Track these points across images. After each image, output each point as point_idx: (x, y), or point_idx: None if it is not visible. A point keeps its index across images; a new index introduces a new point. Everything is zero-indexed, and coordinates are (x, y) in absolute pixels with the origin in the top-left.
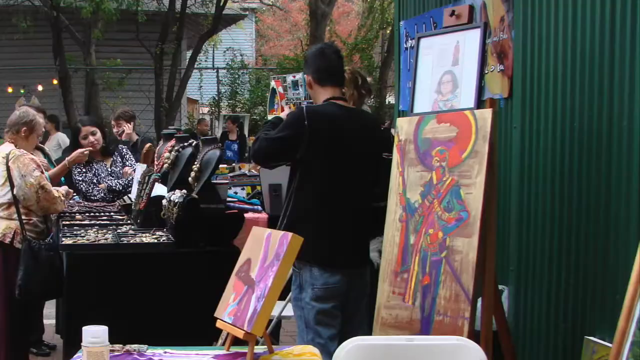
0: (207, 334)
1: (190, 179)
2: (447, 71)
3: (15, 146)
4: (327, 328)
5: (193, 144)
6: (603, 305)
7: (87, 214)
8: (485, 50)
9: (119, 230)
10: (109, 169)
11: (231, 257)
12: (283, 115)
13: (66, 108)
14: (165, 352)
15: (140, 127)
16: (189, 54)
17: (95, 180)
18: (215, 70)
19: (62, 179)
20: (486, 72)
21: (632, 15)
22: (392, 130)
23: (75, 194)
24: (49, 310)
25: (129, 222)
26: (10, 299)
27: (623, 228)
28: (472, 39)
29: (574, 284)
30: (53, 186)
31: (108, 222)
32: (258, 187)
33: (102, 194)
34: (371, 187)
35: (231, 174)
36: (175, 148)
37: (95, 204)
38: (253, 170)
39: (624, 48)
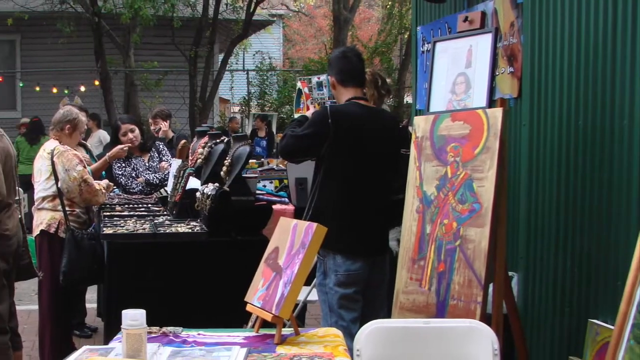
0: (237, 317)
1: (222, 173)
2: (460, 73)
3: (60, 142)
4: (349, 311)
5: (225, 141)
6: (605, 290)
7: (126, 206)
8: (496, 53)
9: (155, 221)
10: (147, 164)
11: (260, 245)
12: (308, 114)
13: (107, 107)
14: (198, 334)
15: (175, 124)
16: (221, 57)
17: (134, 174)
18: (245, 72)
19: (103, 173)
20: (497, 73)
21: (633, 23)
22: (410, 128)
23: (115, 187)
24: (91, 295)
25: (165, 213)
26: (55, 285)
27: (624, 219)
28: (484, 43)
29: (578, 270)
30: (95, 180)
31: (146, 213)
32: (285, 181)
33: (140, 187)
34: (390, 181)
35: (260, 169)
36: (208, 144)
37: (134, 197)
38: (280, 165)
39: (624, 53)
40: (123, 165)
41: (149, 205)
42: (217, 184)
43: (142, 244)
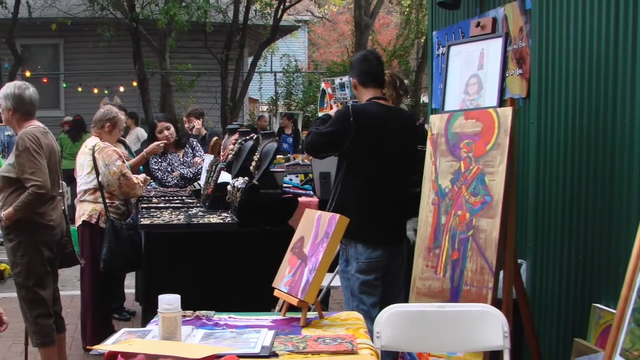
0: (266, 302)
1: (251, 167)
2: (473, 74)
3: (100, 139)
4: (370, 296)
5: (254, 138)
6: (608, 276)
7: (162, 198)
8: (506, 56)
9: (189, 212)
10: (181, 159)
11: (287, 235)
12: (332, 112)
13: (144, 106)
14: (229, 317)
15: (208, 122)
16: (250, 59)
17: (169, 169)
18: (273, 74)
19: (141, 167)
20: (507, 75)
21: (633, 29)
22: (426, 126)
23: (152, 181)
24: (129, 281)
25: (198, 205)
26: (96, 272)
27: (625, 211)
28: (495, 46)
29: (582, 258)
30: (133, 174)
31: (180, 205)
32: (310, 175)
33: (175, 181)
34: (408, 175)
35: (287, 164)
36: (239, 141)
37: (169, 190)
38: (306, 160)
39: (625, 57)
40: (159, 160)
41: (184, 197)
42: (246, 178)
43: (177, 233)
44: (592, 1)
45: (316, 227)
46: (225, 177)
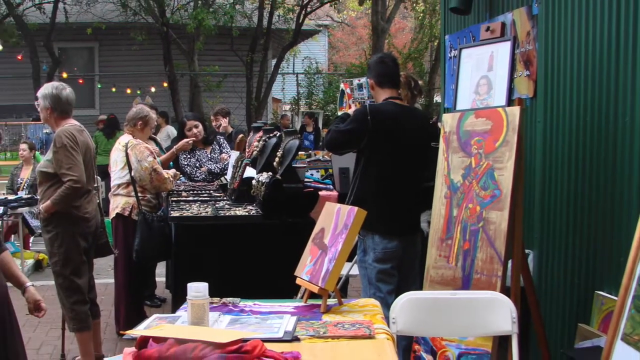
0: (288, 289)
1: (274, 163)
2: (483, 76)
3: (133, 137)
4: (386, 284)
5: (277, 135)
6: (610, 265)
7: (191, 192)
8: (514, 58)
9: (217, 205)
10: (209, 155)
11: (308, 227)
12: (350, 111)
13: (174, 106)
14: (254, 304)
15: (234, 121)
16: (273, 62)
17: (197, 165)
18: (295, 75)
19: (171, 163)
20: (515, 76)
21: (634, 33)
22: (439, 124)
23: (181, 176)
24: (160, 270)
25: (225, 198)
26: (129, 261)
27: (626, 203)
28: (503, 49)
29: (586, 248)
30: (163, 169)
31: (208, 199)
32: (330, 170)
33: (204, 176)
34: (421, 170)
35: (308, 159)
36: (263, 138)
37: (197, 184)
38: (326, 156)
39: (626, 59)
40: (188, 156)
41: (211, 191)
42: (270, 173)
43: (205, 225)
44: (594, 8)
45: (336, 219)
46: (250, 172)
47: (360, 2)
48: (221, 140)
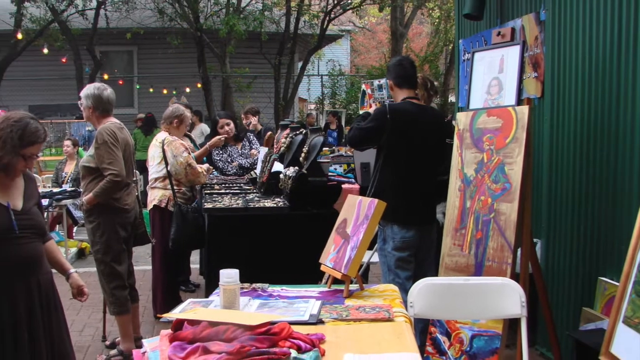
0: (313, 276)
1: (301, 158)
2: (494, 77)
3: (169, 134)
4: (404, 271)
5: (303, 132)
6: (612, 253)
7: (223, 185)
8: (523, 61)
9: (247, 197)
10: (240, 151)
11: (332, 217)
12: (371, 110)
13: (207, 105)
14: (282, 289)
15: (263, 119)
16: (299, 64)
17: (229, 160)
18: (319, 77)
19: (205, 158)
20: (524, 78)
21: (634, 38)
22: (453, 122)
23: (214, 170)
24: (195, 257)
25: (254, 191)
26: (165, 249)
27: (627, 195)
28: (513, 53)
29: (590, 237)
30: (197, 164)
31: (239, 191)
32: (352, 165)
33: (235, 170)
34: (437, 165)
35: (332, 155)
36: (290, 135)
37: (229, 178)
38: (348, 152)
39: (627, 62)
40: (220, 152)
41: (242, 184)
42: (296, 168)
43: (236, 216)
44: (598, 14)
45: (357, 211)
46: (278, 166)
47: (380, 8)
48: (251, 137)
